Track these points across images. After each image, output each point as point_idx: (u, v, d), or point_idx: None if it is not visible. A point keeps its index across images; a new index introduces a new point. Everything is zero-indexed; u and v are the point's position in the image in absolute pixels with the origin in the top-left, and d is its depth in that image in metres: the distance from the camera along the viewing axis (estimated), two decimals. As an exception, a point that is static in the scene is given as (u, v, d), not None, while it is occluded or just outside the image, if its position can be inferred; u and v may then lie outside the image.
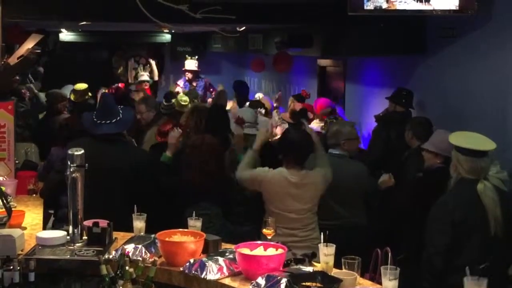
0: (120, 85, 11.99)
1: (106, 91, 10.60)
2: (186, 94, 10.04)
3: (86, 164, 3.95)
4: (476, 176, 4.17)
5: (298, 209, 5.07)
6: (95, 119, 4.99)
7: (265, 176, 5.09)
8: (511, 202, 4.37)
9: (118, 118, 5.01)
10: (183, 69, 12.01)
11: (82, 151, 3.97)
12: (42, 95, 10.30)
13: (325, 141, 5.96)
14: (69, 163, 3.91)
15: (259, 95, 10.64)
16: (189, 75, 11.84)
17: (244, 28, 10.47)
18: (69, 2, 7.07)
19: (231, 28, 10.08)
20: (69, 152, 3.94)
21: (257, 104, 9.09)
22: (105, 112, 5.02)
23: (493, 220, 4.09)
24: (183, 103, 9.34)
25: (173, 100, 9.88)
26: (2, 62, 6.47)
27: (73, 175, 3.92)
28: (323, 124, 8.31)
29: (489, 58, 6.66)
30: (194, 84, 11.66)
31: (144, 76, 12.32)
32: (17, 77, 9.65)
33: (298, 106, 8.15)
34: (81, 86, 10.11)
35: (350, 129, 5.95)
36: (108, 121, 4.96)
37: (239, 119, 6.34)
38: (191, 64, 11.88)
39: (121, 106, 5.26)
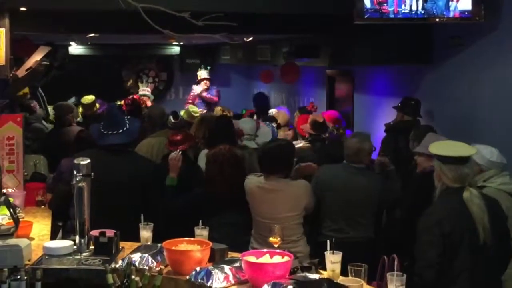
0: (135, 96, 11.99)
1: (122, 102, 10.66)
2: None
3: (92, 174, 3.96)
4: (461, 183, 4.10)
5: (278, 217, 5.07)
6: (102, 130, 5.01)
7: (247, 183, 5.24)
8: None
9: (125, 128, 5.02)
10: (198, 79, 11.98)
11: (88, 160, 3.98)
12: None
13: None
14: (75, 172, 3.92)
15: (272, 111, 10.52)
16: (206, 84, 11.81)
17: (251, 38, 10.49)
18: (76, 15, 7.11)
19: (239, 38, 10.10)
20: (75, 161, 3.96)
21: (271, 120, 9.03)
22: (112, 122, 5.04)
23: (481, 227, 3.99)
24: (194, 114, 9.36)
25: (182, 113, 9.92)
26: (11, 75, 6.52)
27: (79, 184, 3.92)
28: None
29: (496, 66, 6.66)
30: (205, 95, 11.65)
31: (144, 91, 12.36)
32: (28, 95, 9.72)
33: (319, 117, 8.06)
34: (88, 98, 10.17)
35: (370, 144, 5.92)
36: (115, 132, 4.97)
37: (238, 131, 6.31)
38: (204, 73, 11.88)
39: (128, 117, 5.28)
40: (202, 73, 11.88)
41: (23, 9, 6.65)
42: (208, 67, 12.21)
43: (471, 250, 4.02)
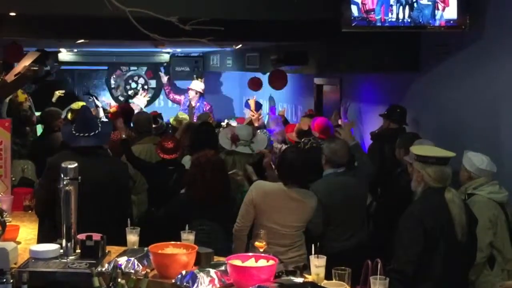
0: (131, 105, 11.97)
1: (115, 108, 10.67)
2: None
3: (79, 177, 3.96)
4: (443, 184, 4.22)
5: (292, 225, 5.08)
6: (73, 132, 5.01)
7: (261, 187, 5.11)
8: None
9: (97, 131, 5.01)
10: (188, 87, 12.06)
11: (76, 164, 3.97)
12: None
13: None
14: (62, 176, 3.93)
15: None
16: (191, 94, 11.86)
17: (240, 46, 10.52)
18: (66, 20, 7.11)
19: (228, 46, 10.15)
20: (62, 165, 3.95)
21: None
22: (84, 125, 5.03)
23: (459, 226, 4.14)
24: (183, 121, 9.39)
25: (171, 119, 9.97)
26: (0, 79, 6.54)
27: (66, 188, 3.93)
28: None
29: (482, 74, 6.71)
30: (193, 104, 11.69)
31: (136, 100, 12.39)
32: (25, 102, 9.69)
33: (305, 125, 8.14)
34: (79, 104, 10.17)
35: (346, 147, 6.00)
36: (87, 134, 4.97)
37: (233, 136, 6.35)
38: (196, 84, 11.94)
39: (99, 119, 5.29)
40: (193, 84, 11.88)
41: (12, 14, 6.66)
42: (203, 79, 12.17)
43: (449, 248, 4.12)
